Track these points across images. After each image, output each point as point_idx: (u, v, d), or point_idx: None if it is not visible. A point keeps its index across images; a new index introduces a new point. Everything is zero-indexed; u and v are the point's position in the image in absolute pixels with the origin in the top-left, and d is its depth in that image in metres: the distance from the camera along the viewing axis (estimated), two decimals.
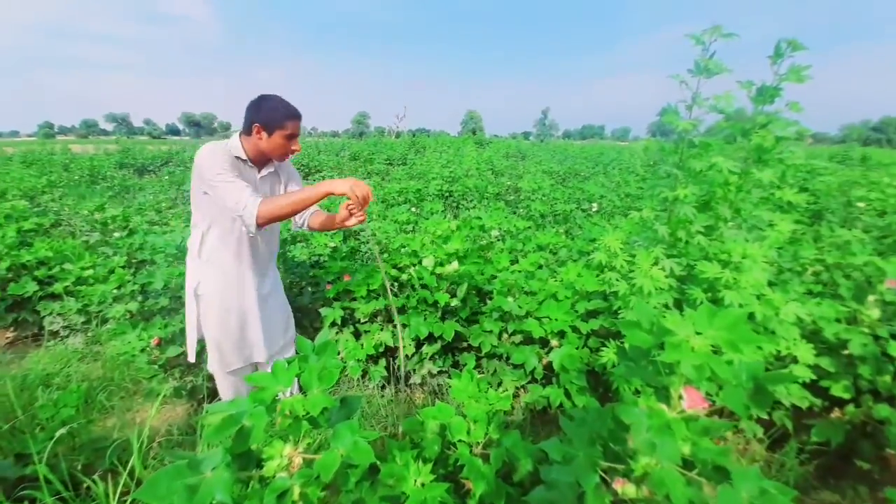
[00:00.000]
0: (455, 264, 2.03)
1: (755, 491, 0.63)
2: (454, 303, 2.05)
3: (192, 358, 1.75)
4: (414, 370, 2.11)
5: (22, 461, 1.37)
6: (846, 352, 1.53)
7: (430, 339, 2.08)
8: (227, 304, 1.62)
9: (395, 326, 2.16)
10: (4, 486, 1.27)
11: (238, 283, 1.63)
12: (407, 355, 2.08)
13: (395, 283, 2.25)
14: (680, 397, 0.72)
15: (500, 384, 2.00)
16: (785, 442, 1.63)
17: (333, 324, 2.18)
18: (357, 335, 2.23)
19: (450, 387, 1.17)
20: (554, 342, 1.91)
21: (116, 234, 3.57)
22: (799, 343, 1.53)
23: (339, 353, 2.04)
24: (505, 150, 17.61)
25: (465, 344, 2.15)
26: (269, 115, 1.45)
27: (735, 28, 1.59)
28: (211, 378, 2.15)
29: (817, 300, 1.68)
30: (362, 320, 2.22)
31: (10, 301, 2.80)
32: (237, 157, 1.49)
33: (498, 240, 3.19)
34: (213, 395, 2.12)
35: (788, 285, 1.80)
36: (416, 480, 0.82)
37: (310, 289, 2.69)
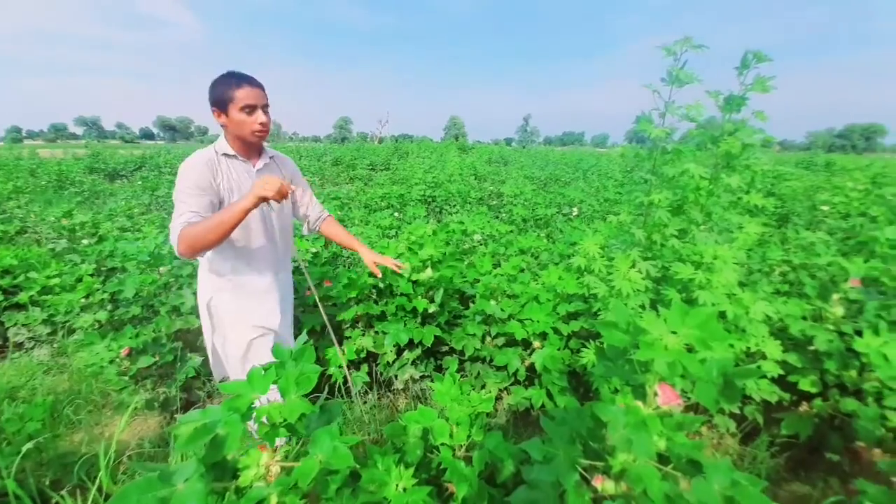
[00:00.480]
0: (429, 271, 2.01)
1: (727, 483, 0.65)
2: (432, 308, 2.04)
3: (217, 379, 1.68)
4: (396, 375, 2.09)
5: None
6: (812, 348, 1.60)
7: (411, 344, 2.07)
8: (242, 318, 1.54)
9: (375, 332, 2.14)
10: None
11: (256, 294, 1.54)
12: (388, 361, 2.06)
13: (374, 291, 2.24)
14: (655, 394, 0.74)
15: (483, 387, 2.00)
16: (756, 436, 1.68)
17: (312, 330, 2.15)
18: (339, 342, 2.20)
19: (433, 391, 1.17)
20: (536, 344, 1.93)
21: (85, 241, 3.43)
22: (767, 340, 1.59)
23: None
24: (488, 155, 17.79)
25: (446, 348, 2.15)
26: (218, 91, 1.34)
27: (708, 39, 1.66)
28: (185, 388, 2.08)
29: (784, 299, 1.76)
30: (343, 326, 2.20)
31: None
32: (225, 155, 1.41)
33: (480, 244, 3.21)
34: (188, 406, 2.05)
35: (757, 285, 1.87)
36: (398, 485, 0.81)
37: None
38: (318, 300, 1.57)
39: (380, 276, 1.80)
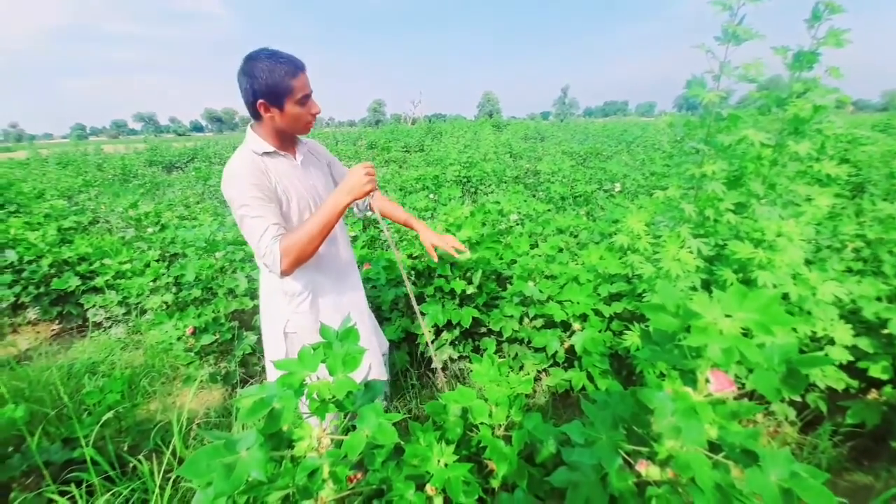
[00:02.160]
0: (468, 252, 1.99)
1: (785, 474, 0.62)
2: (470, 290, 2.04)
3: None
4: (434, 356, 2.14)
5: (69, 445, 1.46)
6: (886, 331, 1.45)
7: (449, 325, 2.10)
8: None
9: (412, 313, 2.19)
10: (52, 470, 1.35)
11: (334, 305, 1.39)
12: (427, 343, 2.11)
13: (413, 272, 2.27)
14: (707, 381, 0.70)
15: (521, 368, 2.00)
16: (818, 424, 1.58)
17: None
18: (380, 323, 2.27)
19: (471, 371, 1.18)
20: (576, 325, 1.89)
21: (150, 230, 3.73)
22: (836, 323, 1.46)
23: None
24: (523, 131, 17.25)
25: (484, 329, 2.16)
26: (268, 81, 1.13)
27: None
28: (243, 364, 2.25)
29: (857, 278, 1.60)
30: (383, 308, 2.26)
31: (54, 295, 3.00)
32: (265, 154, 1.23)
33: (517, 224, 3.15)
34: (246, 379, 2.23)
35: (827, 263, 1.71)
36: (439, 461, 0.84)
37: None
38: (403, 275, 1.38)
39: (437, 260, 1.65)
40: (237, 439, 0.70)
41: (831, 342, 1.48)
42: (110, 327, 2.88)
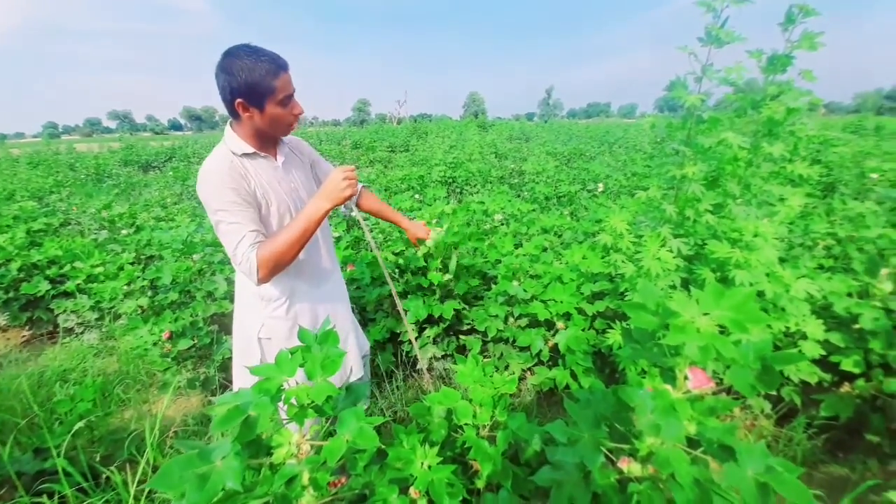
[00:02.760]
0: (440, 229, 1.88)
1: (761, 468, 0.63)
2: (447, 277, 2.02)
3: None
4: (419, 354, 2.13)
5: (41, 455, 1.40)
6: (857, 326, 1.51)
7: (431, 320, 2.09)
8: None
9: (397, 313, 2.17)
10: (24, 480, 1.30)
11: (311, 311, 1.35)
12: (411, 340, 2.10)
13: (396, 270, 2.25)
14: (685, 378, 0.71)
15: (506, 367, 2.01)
16: (793, 417, 1.62)
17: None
18: (364, 324, 2.25)
19: (456, 372, 1.18)
20: (560, 324, 1.91)
21: (124, 232, 3.61)
22: (809, 319, 1.51)
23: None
24: (508, 132, 17.37)
25: (468, 327, 2.16)
26: (248, 80, 1.07)
27: None
28: (223, 368, 2.19)
29: (828, 275, 1.66)
30: (368, 308, 2.24)
31: (23, 300, 2.87)
32: (244, 155, 1.18)
33: (502, 224, 3.16)
34: (226, 386, 2.17)
35: (799, 260, 1.77)
36: (423, 463, 0.83)
37: None
38: (386, 274, 1.38)
39: (419, 249, 1.79)
40: (212, 449, 0.67)
41: (804, 337, 1.52)
42: (82, 333, 2.77)
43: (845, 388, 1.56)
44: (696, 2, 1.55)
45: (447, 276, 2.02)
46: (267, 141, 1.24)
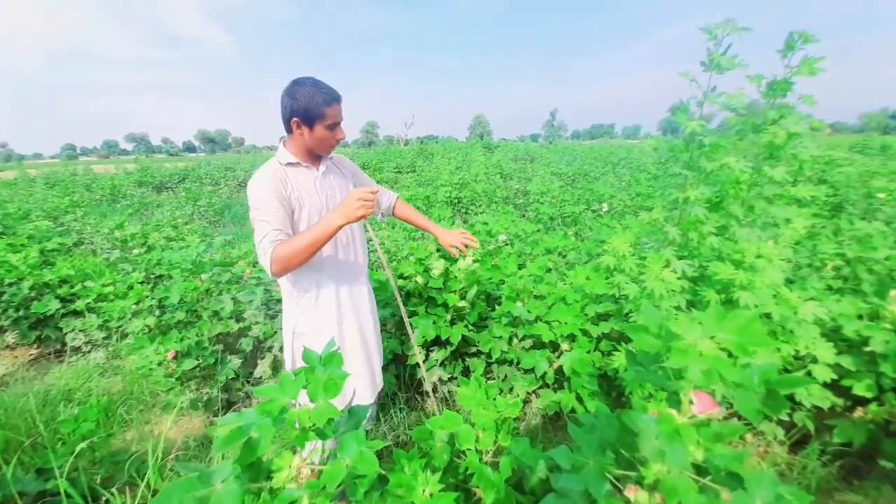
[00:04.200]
0: (470, 259, 2.00)
1: (770, 497, 0.61)
2: (462, 304, 2.04)
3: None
4: (424, 377, 2.11)
5: (43, 476, 1.40)
6: (868, 349, 1.47)
7: (439, 343, 2.08)
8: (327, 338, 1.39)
9: (402, 334, 2.16)
10: (26, 501, 1.30)
11: (338, 313, 1.49)
12: (417, 363, 2.08)
13: (402, 292, 2.26)
14: (690, 402, 0.70)
15: (511, 389, 1.98)
16: (807, 443, 1.57)
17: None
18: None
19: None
20: (564, 346, 1.89)
21: (135, 251, 3.68)
22: (819, 342, 1.48)
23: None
24: (513, 153, 17.61)
25: (474, 349, 2.14)
26: (306, 105, 1.29)
27: (747, 19, 1.56)
28: (226, 389, 2.18)
29: (837, 297, 1.63)
30: None
31: (33, 319, 2.90)
32: (289, 164, 1.38)
33: (505, 244, 3.18)
34: (229, 405, 2.16)
35: (807, 282, 1.75)
36: (424, 490, 0.82)
37: None
38: (396, 293, 1.49)
39: (457, 255, 1.76)
40: (212, 471, 0.67)
41: (814, 360, 1.49)
42: (89, 352, 2.79)
43: (858, 412, 1.52)
44: (701, 28, 1.59)
45: (463, 304, 2.04)
46: (312, 156, 1.43)
